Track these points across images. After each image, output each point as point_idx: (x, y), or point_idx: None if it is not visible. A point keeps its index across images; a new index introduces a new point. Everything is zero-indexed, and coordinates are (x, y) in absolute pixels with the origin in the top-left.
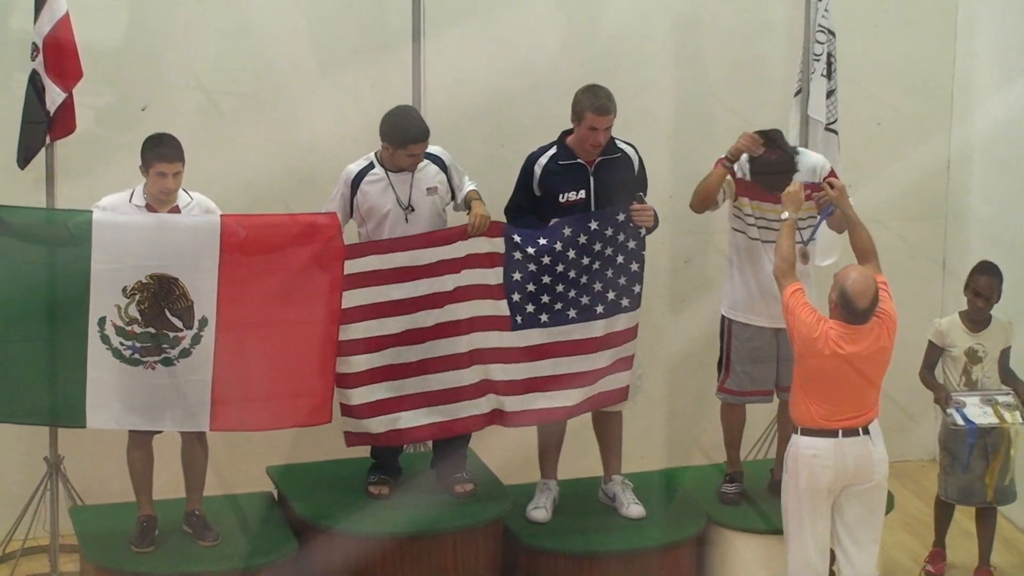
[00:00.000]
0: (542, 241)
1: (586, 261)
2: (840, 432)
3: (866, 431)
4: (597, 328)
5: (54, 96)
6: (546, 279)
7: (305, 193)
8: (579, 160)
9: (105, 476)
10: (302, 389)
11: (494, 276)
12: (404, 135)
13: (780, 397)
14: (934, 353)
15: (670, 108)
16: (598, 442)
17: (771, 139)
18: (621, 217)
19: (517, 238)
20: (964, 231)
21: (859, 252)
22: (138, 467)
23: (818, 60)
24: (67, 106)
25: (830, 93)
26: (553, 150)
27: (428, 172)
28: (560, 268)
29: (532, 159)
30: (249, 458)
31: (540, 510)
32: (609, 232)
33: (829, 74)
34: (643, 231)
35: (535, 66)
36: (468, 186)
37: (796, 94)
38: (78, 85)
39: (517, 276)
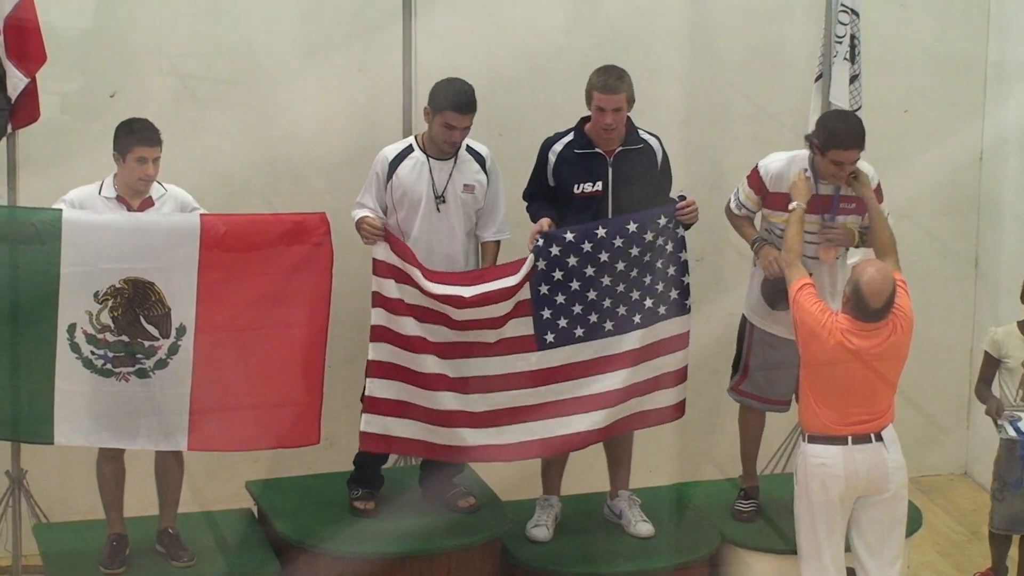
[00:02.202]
0: (569, 237)
1: (621, 266)
2: (850, 439)
3: (879, 438)
4: (635, 339)
5: (16, 81)
6: (575, 284)
7: (287, 186)
8: (597, 149)
9: (72, 492)
10: (288, 405)
11: (521, 293)
12: (444, 100)
13: None
14: (990, 365)
15: (682, 95)
16: (606, 455)
17: None
18: (663, 220)
19: (541, 241)
20: (998, 227)
21: (878, 247)
22: (108, 482)
23: (840, 42)
24: (30, 92)
25: (854, 78)
26: (569, 137)
27: (469, 168)
28: (590, 271)
29: (547, 145)
30: (227, 472)
31: (541, 528)
32: (648, 236)
33: (852, 57)
34: (682, 231)
35: (536, 49)
36: (498, 231)
37: (817, 79)
38: (42, 70)
39: (544, 289)
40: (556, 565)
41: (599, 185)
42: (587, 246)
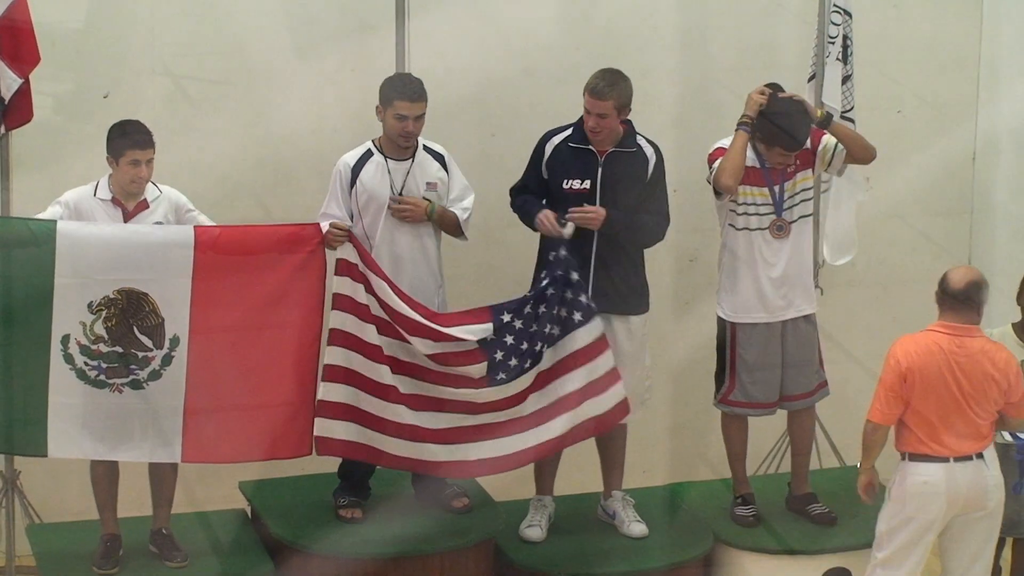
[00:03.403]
0: (527, 310)
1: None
2: (952, 457)
3: (980, 455)
4: (561, 350)
5: (9, 82)
6: (519, 324)
7: (281, 186)
8: (590, 147)
9: (65, 492)
10: (281, 416)
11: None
12: (392, 91)
13: (787, 407)
14: None
15: (674, 95)
16: (600, 455)
17: (775, 87)
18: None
19: (506, 317)
20: (991, 228)
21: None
22: (102, 482)
23: (833, 43)
24: (23, 93)
25: (846, 79)
26: (568, 132)
27: (430, 167)
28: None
29: (546, 137)
30: (221, 473)
31: (535, 528)
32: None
33: (845, 58)
34: (564, 252)
35: (529, 49)
36: (464, 207)
37: (809, 80)
38: (35, 70)
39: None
40: (549, 565)
41: (587, 183)
42: (533, 307)
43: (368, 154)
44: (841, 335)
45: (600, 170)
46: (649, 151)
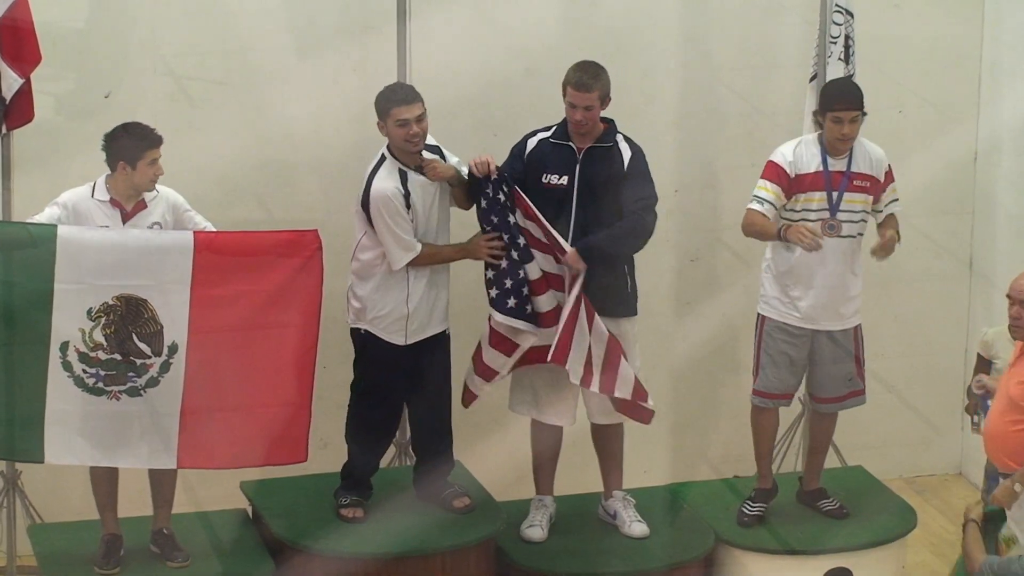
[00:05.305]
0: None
1: None
2: None
3: None
4: None
5: (10, 82)
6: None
7: (282, 187)
8: (570, 143)
9: (66, 492)
10: (278, 422)
11: None
12: (386, 102)
13: (816, 407)
14: (982, 366)
15: (675, 94)
16: (597, 455)
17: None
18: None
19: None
20: (992, 227)
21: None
22: (102, 483)
23: (835, 43)
24: (24, 93)
25: (848, 78)
26: (551, 131)
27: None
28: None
29: (529, 134)
30: (222, 473)
31: (535, 528)
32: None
33: (847, 58)
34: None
35: (530, 49)
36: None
37: (811, 80)
38: (36, 70)
39: None
40: (551, 565)
41: (565, 179)
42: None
43: (404, 174)
44: None
45: (578, 166)
46: (625, 147)
